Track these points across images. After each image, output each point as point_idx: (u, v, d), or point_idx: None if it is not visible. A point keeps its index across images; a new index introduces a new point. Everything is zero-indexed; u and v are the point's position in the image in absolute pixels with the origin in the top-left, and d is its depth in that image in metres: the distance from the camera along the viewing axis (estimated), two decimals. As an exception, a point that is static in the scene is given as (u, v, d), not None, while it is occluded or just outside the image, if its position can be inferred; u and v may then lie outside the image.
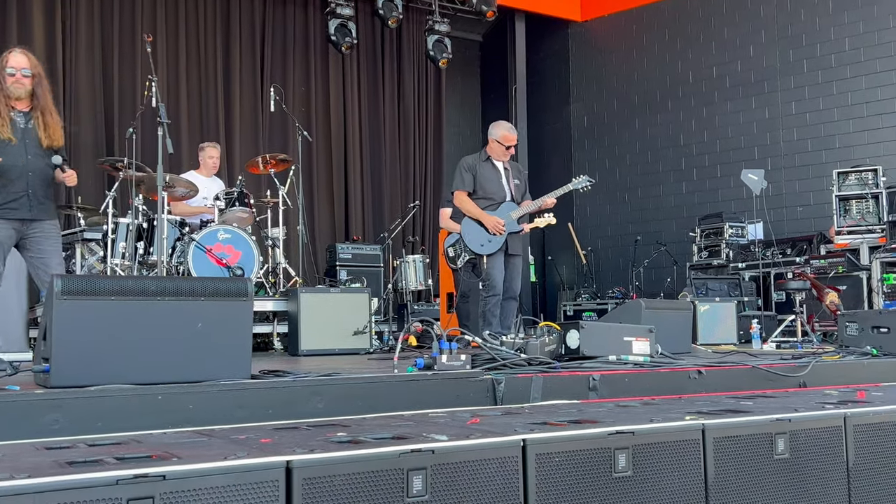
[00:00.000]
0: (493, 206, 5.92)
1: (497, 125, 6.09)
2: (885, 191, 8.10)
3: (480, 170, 5.97)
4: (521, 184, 6.14)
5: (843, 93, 9.61)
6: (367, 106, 11.19)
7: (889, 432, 2.86)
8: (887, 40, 9.36)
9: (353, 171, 10.87)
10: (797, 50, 9.97)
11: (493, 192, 5.96)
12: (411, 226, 10.85)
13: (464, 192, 5.94)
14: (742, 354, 5.19)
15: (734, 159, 10.27)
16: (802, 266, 8.34)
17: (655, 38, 11.29)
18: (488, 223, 5.80)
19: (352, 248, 9.11)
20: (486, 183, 5.96)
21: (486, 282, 5.76)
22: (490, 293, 5.76)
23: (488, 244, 5.83)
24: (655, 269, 10.39)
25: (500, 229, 5.80)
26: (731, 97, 10.49)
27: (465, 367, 3.61)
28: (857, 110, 9.51)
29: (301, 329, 5.65)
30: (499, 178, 6.01)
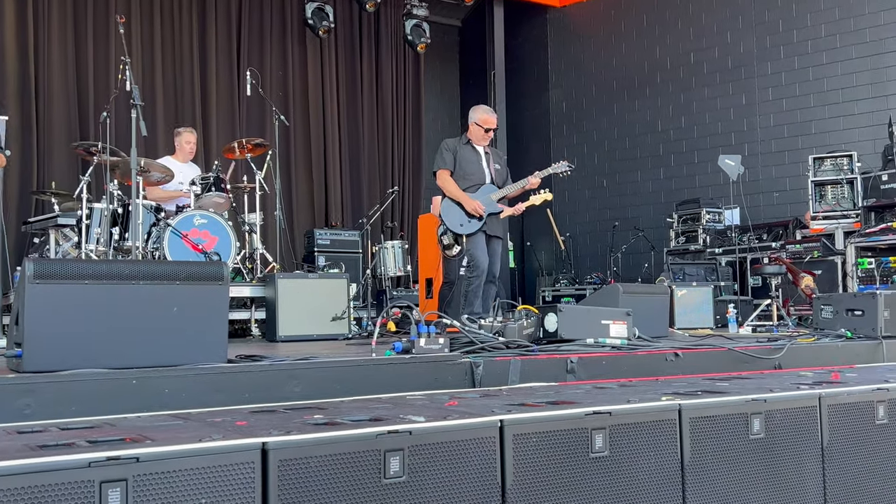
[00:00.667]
0: (472, 189, 5.92)
1: (476, 108, 6.12)
2: (860, 176, 8.17)
3: (461, 152, 5.97)
4: (502, 168, 6.13)
5: (818, 79, 9.67)
6: (345, 91, 11.12)
7: (862, 412, 2.89)
8: (862, 27, 9.41)
9: (331, 156, 10.81)
10: (774, 36, 10.02)
11: (472, 173, 5.96)
12: (390, 211, 10.80)
13: (446, 171, 5.93)
14: (718, 338, 5.23)
15: (711, 145, 10.32)
16: (778, 251, 8.40)
17: (633, 24, 11.30)
18: (467, 205, 5.80)
19: (330, 234, 9.06)
20: (466, 165, 5.96)
21: (469, 262, 5.74)
22: (474, 273, 5.74)
23: (468, 224, 5.83)
24: (633, 254, 10.44)
25: (479, 211, 5.80)
26: (708, 83, 10.53)
27: (443, 350, 3.61)
28: (832, 96, 9.58)
29: (279, 315, 5.61)
30: (479, 160, 6.01)
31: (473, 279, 5.74)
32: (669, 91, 10.87)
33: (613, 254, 10.24)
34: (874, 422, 2.91)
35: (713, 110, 10.47)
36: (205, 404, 2.82)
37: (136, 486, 1.73)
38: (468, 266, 5.74)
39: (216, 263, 3.51)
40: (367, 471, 1.98)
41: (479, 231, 5.83)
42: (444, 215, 5.88)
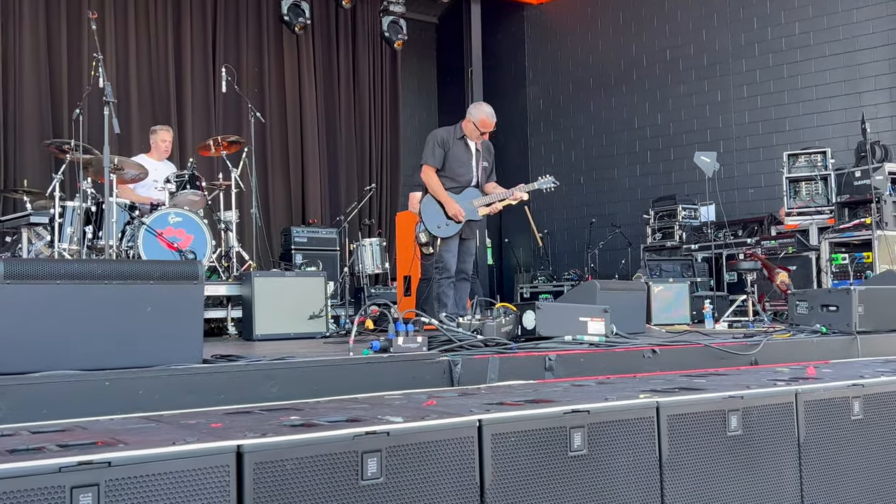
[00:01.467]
0: (456, 189, 5.88)
1: (479, 106, 5.97)
2: (834, 173, 8.25)
3: (453, 148, 5.90)
4: (489, 165, 6.10)
5: (793, 76, 9.75)
6: (322, 87, 11.06)
7: (838, 408, 2.91)
8: (836, 24, 9.49)
9: (308, 154, 10.75)
10: (748, 33, 10.08)
11: (460, 173, 5.90)
12: (367, 209, 10.77)
13: (432, 167, 5.87)
14: (695, 334, 5.25)
15: (687, 142, 10.37)
16: (753, 247, 8.46)
17: (610, 21, 11.33)
18: (449, 210, 5.76)
19: (307, 232, 9.02)
20: (455, 163, 5.89)
21: (438, 263, 5.74)
22: (443, 275, 5.74)
23: (445, 227, 5.80)
24: (610, 251, 10.47)
25: (460, 217, 5.77)
26: (684, 80, 10.58)
27: (421, 349, 3.59)
28: (806, 93, 9.65)
29: (255, 314, 5.57)
30: (469, 159, 5.95)
31: (443, 280, 5.74)
32: (646, 88, 10.92)
33: (591, 250, 10.27)
34: (850, 417, 2.92)
35: (689, 107, 10.53)
36: (179, 406, 2.78)
37: (109, 491, 1.70)
38: (437, 267, 5.74)
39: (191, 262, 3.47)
40: (344, 473, 1.95)
41: (455, 235, 5.82)
42: (424, 213, 5.85)
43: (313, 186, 10.75)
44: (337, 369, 3.25)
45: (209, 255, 6.41)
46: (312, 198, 10.71)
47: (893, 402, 3.05)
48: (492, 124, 5.89)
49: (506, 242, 12.02)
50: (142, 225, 6.04)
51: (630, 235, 10.16)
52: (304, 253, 8.71)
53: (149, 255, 5.98)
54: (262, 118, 7.94)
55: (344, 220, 8.84)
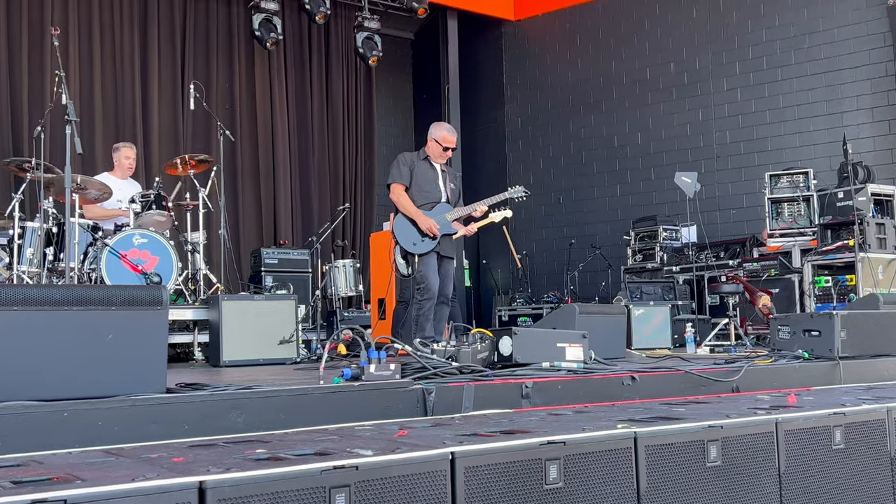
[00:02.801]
0: (428, 206, 5.90)
1: (438, 125, 6.10)
2: (816, 193, 8.35)
3: (418, 168, 5.95)
4: (457, 189, 6.13)
5: (774, 95, 9.89)
6: (295, 105, 11.07)
7: (819, 437, 2.93)
8: (817, 43, 9.66)
9: (279, 173, 10.74)
10: (729, 52, 10.23)
11: (428, 191, 5.94)
12: (341, 229, 10.76)
13: (400, 185, 5.90)
14: (676, 359, 5.27)
15: (668, 161, 10.48)
16: (735, 269, 8.54)
17: (589, 39, 11.45)
18: (422, 224, 5.78)
19: (278, 253, 9.00)
20: (423, 181, 5.94)
21: (420, 284, 5.73)
22: (425, 296, 5.73)
23: (420, 244, 5.81)
24: (590, 272, 10.52)
25: (434, 231, 5.78)
26: (664, 99, 10.70)
27: (394, 376, 3.57)
28: (788, 113, 9.80)
29: (223, 338, 5.54)
30: (435, 178, 6.00)
31: (425, 302, 5.73)
32: (625, 107, 11.03)
33: (570, 272, 10.32)
34: (831, 447, 2.95)
35: (669, 126, 10.64)
36: (141, 438, 2.75)
37: (64, 531, 1.67)
38: (419, 288, 5.73)
39: (154, 287, 3.44)
40: (311, 509, 1.94)
41: (432, 251, 5.82)
42: (397, 233, 5.86)
43: (284, 206, 10.72)
44: (306, 399, 3.22)
45: (175, 278, 6.37)
46: (284, 218, 10.69)
47: (875, 430, 3.08)
48: (453, 140, 6.01)
49: (483, 264, 12.05)
50: (105, 247, 5.99)
51: (610, 257, 10.22)
52: (274, 275, 8.68)
53: (112, 277, 5.93)
54: (232, 136, 7.92)
55: (316, 241, 8.83)
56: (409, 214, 5.83)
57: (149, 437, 2.78)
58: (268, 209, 10.66)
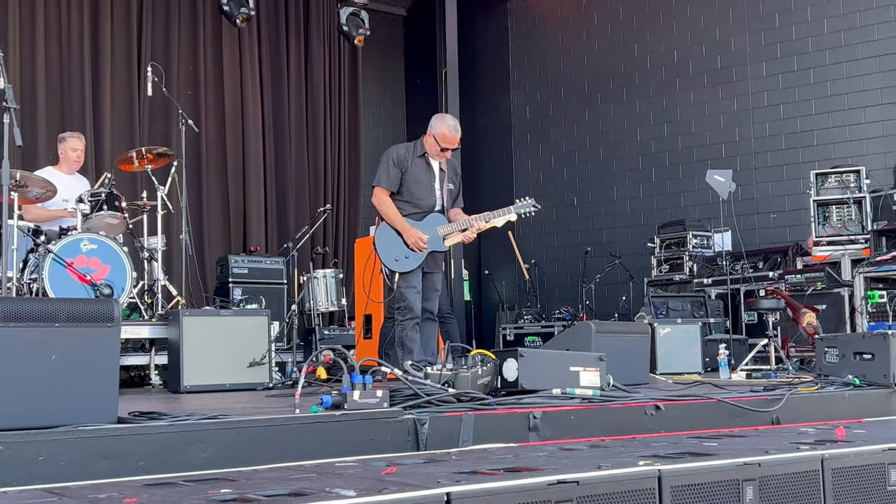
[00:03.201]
0: (417, 215, 5.88)
1: (441, 119, 5.96)
2: (869, 195, 8.35)
3: (412, 167, 5.90)
4: (455, 188, 6.11)
5: (821, 82, 9.89)
6: (269, 91, 11.09)
7: (872, 476, 2.93)
8: (870, 22, 9.66)
9: (250, 169, 10.74)
10: (770, 32, 10.23)
11: (421, 197, 5.91)
12: (321, 234, 10.75)
13: (385, 190, 5.88)
14: (707, 386, 5.28)
15: (698, 158, 10.48)
16: (776, 282, 8.54)
17: (608, 17, 11.47)
18: (409, 237, 5.76)
19: (248, 262, 9.01)
20: (416, 185, 5.90)
21: (399, 303, 5.74)
22: (406, 316, 5.74)
23: (404, 260, 5.80)
24: (608, 285, 10.52)
25: (422, 246, 5.77)
26: (694, 86, 10.71)
27: (381, 405, 3.58)
28: (836, 102, 9.79)
29: (184, 360, 5.54)
30: (431, 180, 5.96)
31: (406, 322, 5.74)
32: (650, 95, 11.04)
33: (586, 285, 10.31)
34: (885, 487, 2.95)
35: (700, 117, 10.65)
36: (88, 475, 2.75)
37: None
38: (399, 308, 5.74)
39: (105, 301, 3.45)
40: (283, 558, 1.94)
41: (417, 269, 5.82)
42: (379, 245, 5.84)
43: (256, 207, 10.72)
44: (280, 430, 3.23)
45: (129, 290, 6.37)
46: (255, 221, 10.69)
47: (936, 469, 3.08)
48: (454, 140, 5.89)
49: (486, 275, 12.04)
50: (48, 253, 5.99)
51: (632, 267, 10.21)
52: (244, 287, 8.68)
53: (56, 289, 5.93)
54: (196, 126, 7.93)
55: (293, 247, 8.78)
56: (395, 225, 5.81)
57: (97, 474, 2.78)
58: (237, 211, 10.66)
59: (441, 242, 5.87)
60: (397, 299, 5.77)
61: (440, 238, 5.85)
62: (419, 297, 5.82)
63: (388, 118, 12.80)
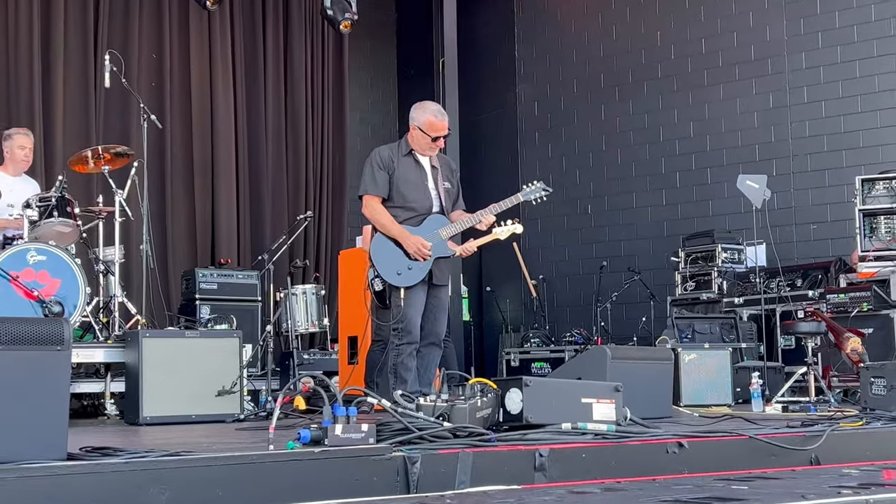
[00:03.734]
0: (414, 220, 5.87)
1: (421, 107, 6.02)
2: (923, 204, 8.34)
3: (399, 168, 5.90)
4: (453, 187, 6.10)
5: (868, 76, 9.90)
6: (243, 82, 11.09)
7: (924, 525, 2.92)
8: (922, 9, 9.71)
9: (221, 171, 10.73)
10: (810, 19, 10.25)
11: (414, 199, 5.90)
12: (301, 245, 10.74)
13: (375, 197, 5.87)
14: (737, 420, 5.26)
15: (729, 161, 10.49)
16: (816, 302, 8.52)
17: (627, 1, 11.48)
18: (409, 244, 5.74)
19: (218, 276, 9.03)
20: (406, 186, 5.89)
21: (398, 323, 5.71)
22: (404, 340, 5.72)
23: (407, 273, 5.77)
24: (626, 304, 10.50)
25: (425, 253, 5.75)
26: (724, 79, 10.71)
27: (367, 440, 3.57)
28: (885, 98, 9.81)
29: (143, 388, 5.54)
30: (423, 179, 5.96)
31: (403, 347, 5.71)
32: (674, 89, 11.04)
33: (601, 304, 10.30)
34: (939, 538, 2.94)
35: (731, 115, 10.65)
36: (32, 519, 2.74)
37: None
38: (396, 329, 5.71)
39: (54, 320, 3.45)
40: None
41: (421, 282, 5.80)
42: (375, 258, 5.83)
43: (227, 214, 10.72)
44: (251, 469, 3.22)
45: (82, 307, 6.36)
46: (226, 230, 10.68)
47: None
48: (443, 125, 5.92)
49: (487, 292, 12.02)
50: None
51: (653, 284, 10.21)
52: (212, 304, 8.69)
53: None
54: (160, 122, 7.92)
55: (268, 259, 8.79)
56: (391, 234, 5.80)
57: (43, 518, 2.77)
58: (205, 218, 10.64)
59: (445, 246, 5.86)
60: (397, 319, 5.74)
61: (443, 241, 5.85)
62: (419, 317, 5.81)
63: (377, 114, 12.81)
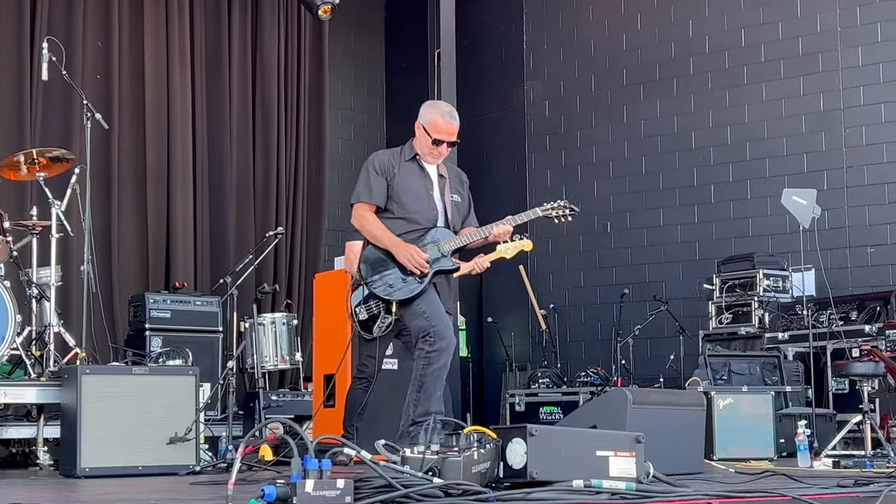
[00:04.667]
0: (415, 234, 5.86)
1: (433, 105, 6.07)
2: None
3: (400, 174, 5.90)
4: (463, 201, 6.10)
5: (935, 74, 9.94)
6: (204, 77, 11.10)
7: None
8: None
9: (177, 179, 10.71)
10: (867, 8, 10.27)
11: (416, 210, 5.89)
12: (271, 266, 10.74)
13: (369, 205, 5.86)
14: (780, 477, 5.25)
15: (772, 172, 10.49)
16: (874, 339, 8.51)
17: (654, -16, 11.54)
18: (400, 253, 5.71)
19: (172, 302, 9.01)
20: (408, 196, 5.88)
21: (426, 329, 5.65)
22: (434, 346, 5.60)
23: (402, 286, 5.75)
24: (652, 339, 10.49)
25: (421, 263, 5.72)
26: (767, 76, 10.72)
27: (343, 499, 3.55)
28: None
29: (82, 434, 5.52)
30: (427, 188, 5.95)
31: (434, 356, 5.63)
32: (708, 88, 11.05)
33: (621, 338, 10.28)
34: None
35: (775, 118, 10.65)
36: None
37: None
38: (426, 336, 5.65)
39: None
40: None
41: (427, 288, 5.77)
42: (366, 270, 5.82)
43: (184, 229, 10.70)
44: (205, 532, 3.21)
45: (11, 339, 6.39)
46: (182, 248, 10.65)
47: None
48: (448, 129, 5.91)
49: (489, 323, 11.97)
50: None
51: (683, 316, 10.20)
52: (165, 336, 8.67)
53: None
54: (106, 122, 7.92)
55: (232, 283, 8.80)
56: (381, 243, 5.80)
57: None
58: (157, 234, 10.62)
59: (447, 259, 5.84)
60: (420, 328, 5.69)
61: (446, 254, 5.82)
62: (447, 317, 5.80)
63: (362, 113, 12.80)
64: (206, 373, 6.60)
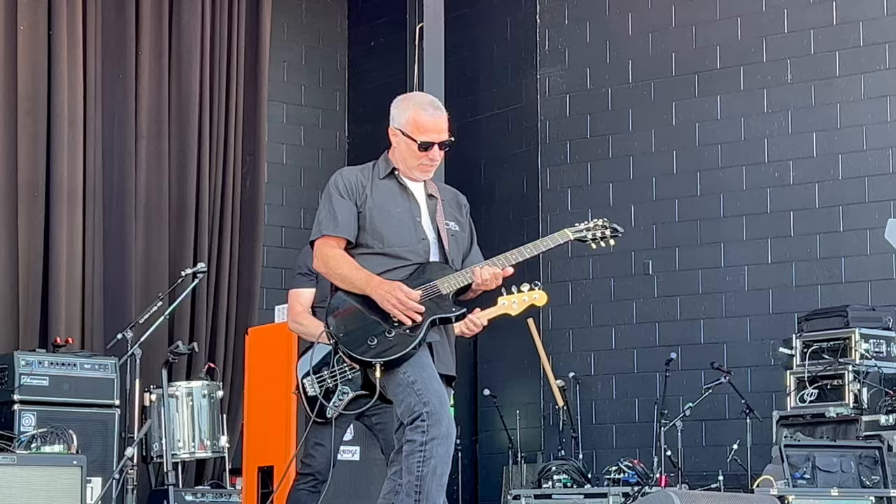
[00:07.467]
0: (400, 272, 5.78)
1: (403, 101, 5.91)
2: None
3: (374, 196, 5.81)
4: (462, 230, 6.02)
5: None
6: (100, 62, 11.19)
7: None
8: None
9: (60, 199, 10.71)
10: None
11: (398, 242, 5.77)
12: (187, 317, 10.72)
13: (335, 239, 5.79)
14: None
15: (872, 197, 10.52)
16: None
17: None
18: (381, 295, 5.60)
19: (51, 365, 8.98)
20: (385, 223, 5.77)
21: (418, 409, 5.53)
22: (432, 433, 5.49)
23: (382, 338, 5.64)
24: (708, 422, 10.49)
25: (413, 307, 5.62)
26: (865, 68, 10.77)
27: None
28: None
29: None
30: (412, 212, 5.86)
31: (431, 448, 5.54)
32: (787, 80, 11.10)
33: (666, 421, 10.26)
34: None
35: (876, 125, 10.69)
36: None
37: None
38: (418, 417, 5.56)
39: None
40: None
41: (418, 347, 5.67)
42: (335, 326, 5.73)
43: (69, 266, 10.70)
44: None
45: None
46: (66, 291, 10.65)
47: None
48: (435, 124, 5.79)
49: (486, 398, 11.93)
50: None
51: (750, 391, 10.21)
52: (41, 411, 8.60)
53: None
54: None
55: (133, 341, 8.75)
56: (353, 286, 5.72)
57: None
58: (33, 273, 10.65)
59: (449, 302, 5.73)
60: (410, 406, 5.60)
61: (447, 296, 5.72)
62: (443, 389, 5.71)
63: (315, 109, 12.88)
64: (96, 463, 6.54)
